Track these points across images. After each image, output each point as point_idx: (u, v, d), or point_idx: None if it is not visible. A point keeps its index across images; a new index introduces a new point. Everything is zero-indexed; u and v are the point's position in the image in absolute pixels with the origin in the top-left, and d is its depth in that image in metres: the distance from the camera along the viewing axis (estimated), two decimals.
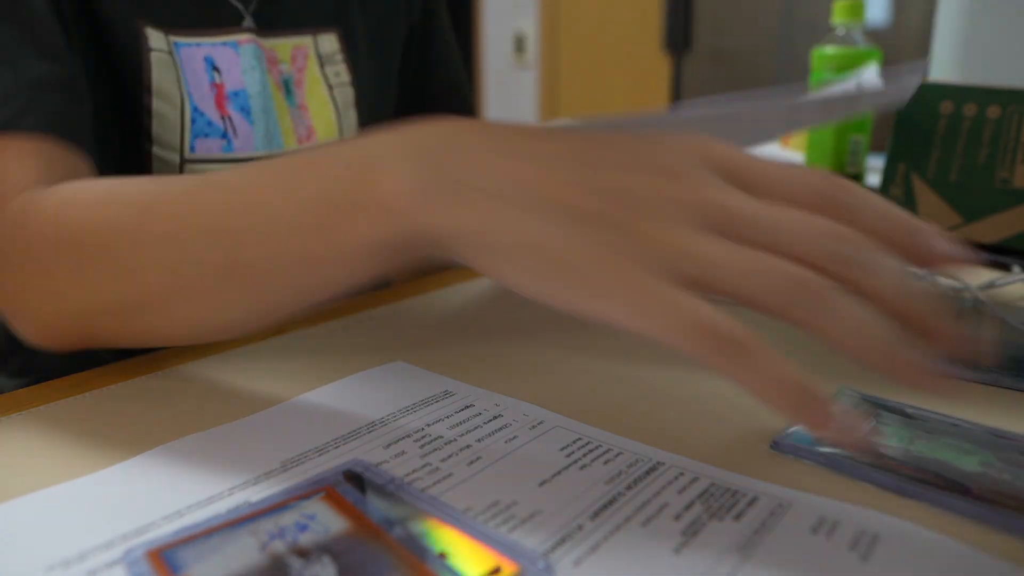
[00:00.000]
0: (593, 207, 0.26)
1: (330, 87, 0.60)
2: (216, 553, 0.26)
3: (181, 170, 0.53)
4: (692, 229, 0.26)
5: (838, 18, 0.78)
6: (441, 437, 0.34)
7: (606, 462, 0.32)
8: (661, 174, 0.27)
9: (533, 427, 0.35)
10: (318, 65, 0.59)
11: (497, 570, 0.25)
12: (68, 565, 0.26)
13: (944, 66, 0.82)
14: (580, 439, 0.34)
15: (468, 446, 0.33)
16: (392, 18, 0.67)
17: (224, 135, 0.53)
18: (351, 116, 0.62)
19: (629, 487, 0.30)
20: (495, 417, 0.36)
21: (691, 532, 0.27)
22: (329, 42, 0.60)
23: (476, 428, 0.35)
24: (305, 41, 0.59)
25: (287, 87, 0.58)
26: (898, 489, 0.29)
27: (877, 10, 1.93)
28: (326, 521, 0.28)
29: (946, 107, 0.68)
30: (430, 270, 0.58)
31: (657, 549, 0.26)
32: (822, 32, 0.84)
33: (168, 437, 0.34)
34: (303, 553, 0.26)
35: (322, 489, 0.30)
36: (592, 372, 0.42)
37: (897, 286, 0.25)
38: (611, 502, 0.29)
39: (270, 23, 0.57)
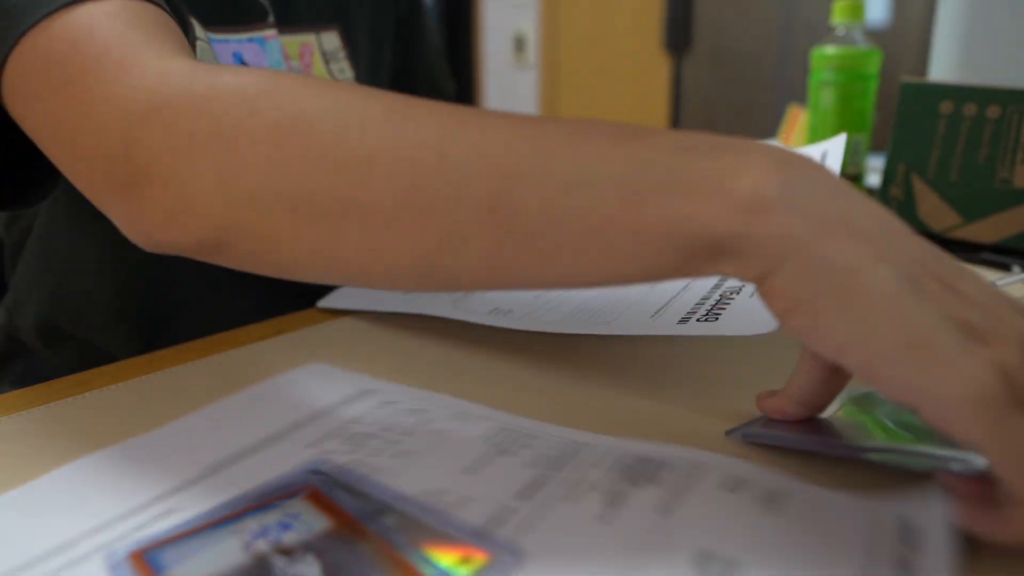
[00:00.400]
0: (941, 295, 0.25)
1: None
2: (199, 553, 0.26)
3: None
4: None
5: (838, 18, 0.78)
6: (366, 433, 0.34)
7: (530, 447, 0.33)
8: (993, 296, 0.26)
9: (456, 419, 0.36)
10: (323, 62, 0.60)
11: (469, 558, 0.26)
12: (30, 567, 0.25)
13: (944, 66, 0.82)
14: (503, 428, 0.34)
15: (394, 440, 0.34)
16: (384, 14, 0.67)
17: None
18: None
19: (555, 468, 0.31)
20: (418, 411, 0.37)
21: (615, 503, 0.28)
22: (331, 39, 0.60)
23: (400, 422, 0.35)
24: (310, 39, 0.59)
25: None
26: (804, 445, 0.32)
27: (877, 10, 1.93)
28: (309, 520, 0.28)
29: (946, 107, 0.68)
30: None
31: (586, 521, 0.28)
32: (822, 32, 0.84)
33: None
34: (287, 552, 0.26)
35: (306, 488, 0.30)
36: (509, 363, 0.42)
37: None
38: (538, 482, 0.30)
39: (281, 20, 0.56)
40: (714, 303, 0.40)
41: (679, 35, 2.24)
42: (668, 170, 0.26)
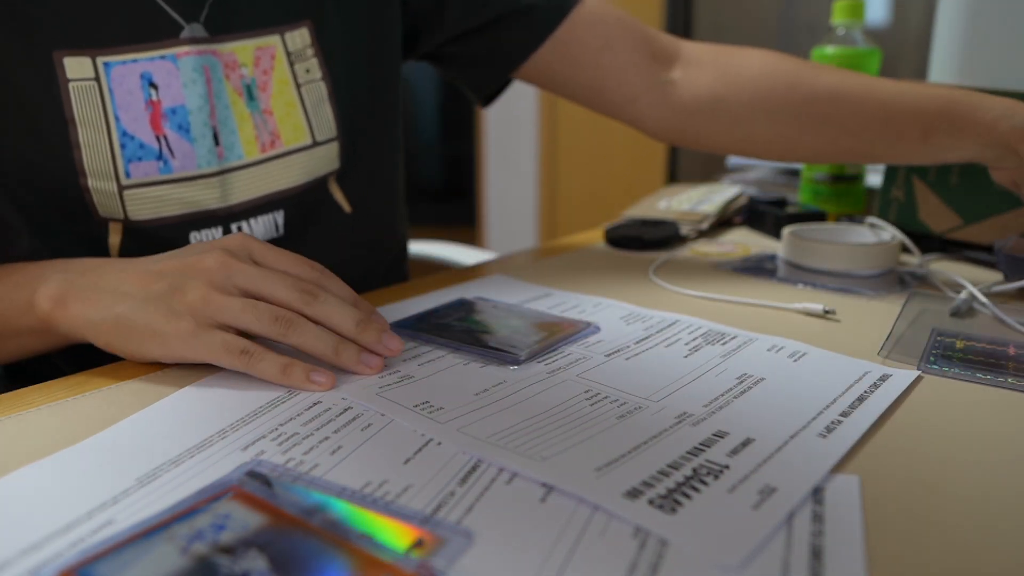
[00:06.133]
0: (156, 288, 0.41)
1: (298, 86, 0.57)
2: (135, 563, 0.25)
3: (120, 198, 0.51)
4: (214, 289, 0.41)
5: (838, 18, 0.78)
6: (297, 433, 0.35)
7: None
8: (193, 257, 0.43)
9: (384, 415, 0.36)
10: (287, 64, 0.56)
11: (420, 542, 0.27)
12: None
13: (944, 66, 0.82)
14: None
15: (327, 438, 0.34)
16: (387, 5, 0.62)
17: (160, 156, 0.51)
18: (325, 112, 0.58)
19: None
20: (345, 410, 0.37)
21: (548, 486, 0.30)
22: (300, 37, 0.56)
23: (330, 421, 0.36)
24: (271, 40, 0.55)
25: (249, 92, 0.54)
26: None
27: (877, 10, 1.93)
28: (242, 518, 0.28)
29: None
30: None
31: (524, 501, 0.29)
32: (822, 32, 0.84)
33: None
34: (228, 551, 0.26)
35: (229, 490, 0.30)
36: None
37: (339, 316, 0.42)
38: (474, 468, 0.32)
39: (227, 26, 0.53)
40: (681, 480, 0.31)
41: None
42: (15, 307, 0.45)
